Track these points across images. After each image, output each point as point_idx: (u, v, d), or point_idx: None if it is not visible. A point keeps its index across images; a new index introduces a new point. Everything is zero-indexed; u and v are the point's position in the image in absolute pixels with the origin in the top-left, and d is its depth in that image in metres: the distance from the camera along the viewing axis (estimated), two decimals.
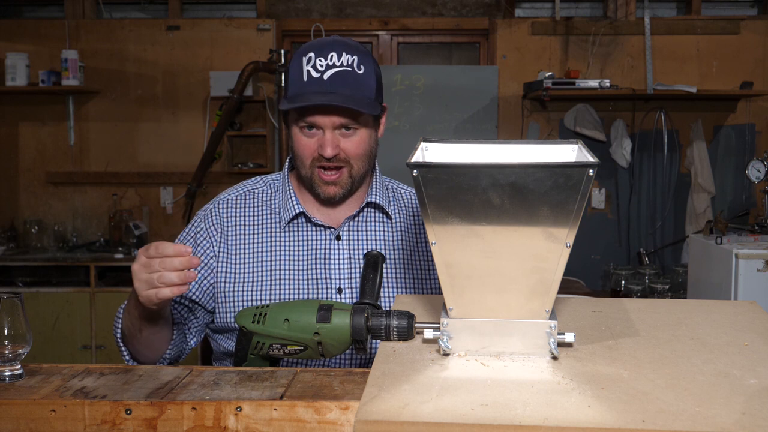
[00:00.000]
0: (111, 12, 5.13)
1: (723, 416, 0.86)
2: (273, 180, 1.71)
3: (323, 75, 1.50)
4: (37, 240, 4.92)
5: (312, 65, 1.51)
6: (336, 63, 1.51)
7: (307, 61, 1.52)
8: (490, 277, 1.03)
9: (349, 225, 1.64)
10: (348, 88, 1.50)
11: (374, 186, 1.67)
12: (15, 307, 1.10)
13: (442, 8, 5.07)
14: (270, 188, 1.68)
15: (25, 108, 4.98)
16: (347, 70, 1.51)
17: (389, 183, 1.74)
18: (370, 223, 1.66)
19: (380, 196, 1.66)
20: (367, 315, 1.17)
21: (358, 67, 1.53)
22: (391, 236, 1.66)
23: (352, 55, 1.53)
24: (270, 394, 1.01)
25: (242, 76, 4.58)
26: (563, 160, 1.10)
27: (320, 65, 1.51)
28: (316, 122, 1.52)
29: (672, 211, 4.94)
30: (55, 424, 1.00)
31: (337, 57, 1.51)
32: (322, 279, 1.59)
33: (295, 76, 1.53)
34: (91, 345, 4.51)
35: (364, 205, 1.64)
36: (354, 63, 1.52)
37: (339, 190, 1.57)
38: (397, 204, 1.70)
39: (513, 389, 0.95)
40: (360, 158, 1.57)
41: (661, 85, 4.65)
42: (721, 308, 1.30)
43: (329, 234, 1.62)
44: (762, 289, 3.01)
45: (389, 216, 1.67)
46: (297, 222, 1.63)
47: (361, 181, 1.61)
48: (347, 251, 1.61)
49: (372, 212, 1.67)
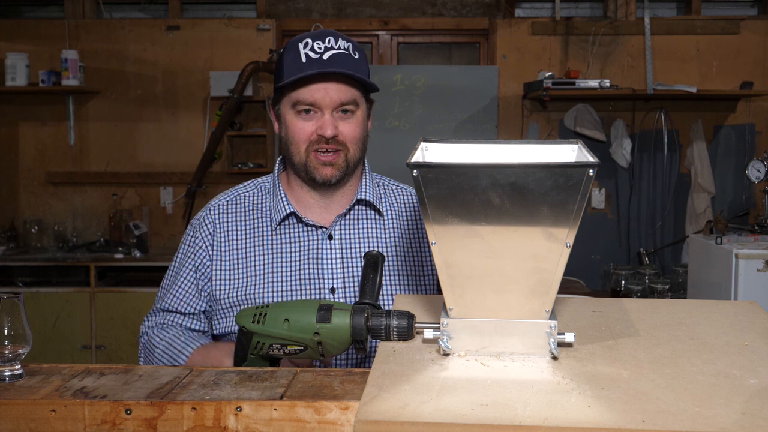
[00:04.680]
0: (111, 12, 5.13)
1: (723, 416, 0.85)
2: (263, 182, 1.70)
3: (322, 56, 1.52)
4: (37, 240, 4.93)
5: (309, 48, 1.53)
6: (334, 46, 1.54)
7: (304, 46, 1.54)
8: (490, 277, 1.03)
9: (340, 224, 1.63)
10: (347, 67, 1.53)
11: (364, 182, 1.66)
12: (15, 307, 1.10)
13: (442, 8, 5.07)
14: (261, 191, 1.68)
15: (25, 108, 4.98)
16: (344, 53, 1.54)
17: (380, 180, 1.74)
18: (362, 221, 1.65)
19: (370, 193, 1.65)
20: (367, 315, 1.17)
21: (354, 52, 1.56)
22: (384, 234, 1.66)
23: (347, 42, 1.57)
24: (270, 394, 1.01)
25: (242, 76, 4.58)
26: (563, 160, 1.10)
27: (318, 47, 1.53)
28: (316, 102, 1.53)
29: (672, 211, 4.94)
30: (55, 424, 1.00)
31: (334, 41, 1.55)
32: (315, 279, 1.58)
33: (290, 60, 1.54)
34: (91, 345, 4.51)
35: (354, 202, 1.64)
36: (350, 48, 1.56)
37: (335, 172, 1.57)
38: (389, 201, 1.70)
39: (513, 389, 0.95)
40: (356, 143, 1.58)
41: (661, 85, 4.65)
42: (721, 308, 1.30)
43: (321, 234, 1.62)
44: (762, 289, 3.01)
45: (380, 213, 1.67)
46: (288, 223, 1.62)
47: (354, 169, 1.61)
48: (339, 251, 1.61)
49: (363, 210, 1.66)
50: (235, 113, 4.72)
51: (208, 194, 4.84)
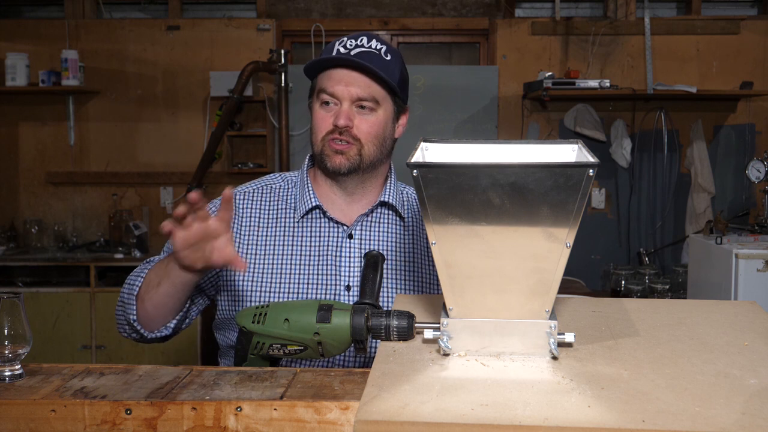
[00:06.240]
0: (111, 12, 5.13)
1: (723, 416, 0.85)
2: (291, 177, 1.73)
3: (350, 51, 1.56)
4: (37, 240, 4.93)
5: (342, 45, 1.58)
6: (365, 45, 1.57)
7: (339, 43, 1.58)
8: (490, 277, 1.03)
9: (362, 223, 1.65)
10: (373, 65, 1.55)
11: (389, 186, 1.69)
12: (15, 307, 1.10)
13: (442, 8, 5.07)
14: (288, 184, 1.71)
15: (25, 108, 4.98)
16: (374, 52, 1.57)
17: (404, 188, 1.76)
18: (383, 223, 1.67)
19: (394, 197, 1.68)
20: (367, 315, 1.17)
21: (386, 54, 1.58)
22: (403, 237, 1.68)
23: (382, 44, 1.59)
24: (270, 394, 1.01)
25: (242, 76, 4.57)
26: (563, 160, 1.10)
27: (350, 44, 1.57)
28: (336, 93, 1.56)
29: (672, 211, 4.94)
30: (55, 424, 1.00)
31: (367, 41, 1.58)
32: (332, 275, 1.60)
33: (324, 54, 1.59)
34: (91, 345, 4.51)
35: (377, 204, 1.66)
36: (382, 50, 1.58)
37: (345, 162, 1.58)
38: (411, 208, 1.72)
39: (513, 389, 0.95)
40: (371, 140, 1.59)
41: (661, 85, 4.65)
42: (721, 308, 1.30)
43: (342, 231, 1.64)
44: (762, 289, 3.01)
45: (402, 217, 1.69)
46: (312, 216, 1.65)
47: (370, 168, 1.62)
48: (358, 250, 1.63)
49: (385, 212, 1.68)
50: (235, 113, 4.72)
51: (208, 194, 4.83)
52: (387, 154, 1.66)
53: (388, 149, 1.65)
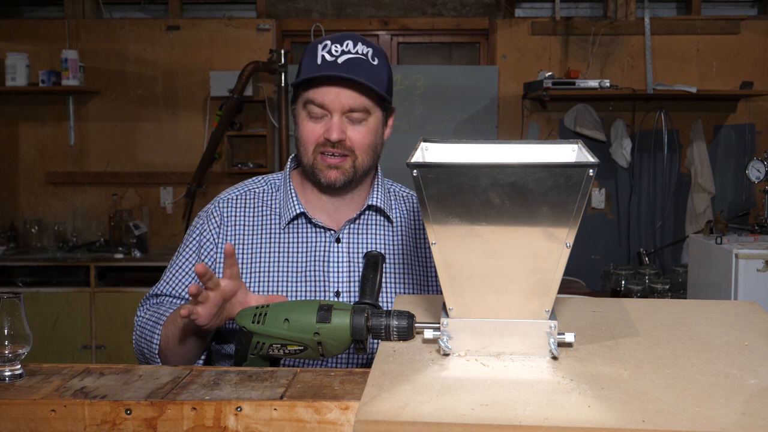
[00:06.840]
0: (111, 12, 5.13)
1: (723, 416, 0.85)
2: (274, 179, 1.69)
3: (337, 59, 1.50)
4: (37, 240, 4.93)
5: (327, 51, 1.52)
6: (351, 50, 1.51)
7: (323, 48, 1.52)
8: (490, 277, 1.03)
9: (349, 228, 1.62)
10: (361, 74, 1.50)
11: (375, 189, 1.65)
12: (15, 307, 1.10)
13: (442, 8, 5.07)
14: (271, 188, 1.67)
15: (25, 108, 4.98)
16: (362, 58, 1.52)
17: (391, 186, 1.73)
18: (371, 226, 1.64)
19: (381, 200, 1.65)
20: (367, 315, 1.17)
21: (372, 58, 1.53)
22: (392, 240, 1.65)
23: (367, 47, 1.54)
24: (270, 394, 1.01)
25: (242, 76, 4.58)
26: (563, 160, 1.10)
27: (335, 50, 1.51)
28: (325, 104, 1.51)
29: (672, 211, 4.94)
30: (55, 424, 1.00)
31: (353, 45, 1.52)
32: (321, 281, 1.58)
33: (308, 61, 1.53)
34: (91, 345, 4.51)
35: (364, 208, 1.63)
36: (369, 54, 1.53)
37: (340, 176, 1.55)
38: (399, 207, 1.69)
39: (513, 389, 0.95)
40: (365, 150, 1.56)
41: (661, 85, 4.65)
42: (721, 308, 1.30)
43: (329, 236, 1.61)
44: (762, 289, 3.01)
45: (390, 220, 1.66)
46: (297, 223, 1.61)
47: (363, 176, 1.60)
48: (347, 254, 1.60)
49: (373, 216, 1.65)
50: (235, 113, 4.72)
51: (208, 194, 4.83)
52: (378, 159, 1.64)
53: (380, 154, 1.63)
